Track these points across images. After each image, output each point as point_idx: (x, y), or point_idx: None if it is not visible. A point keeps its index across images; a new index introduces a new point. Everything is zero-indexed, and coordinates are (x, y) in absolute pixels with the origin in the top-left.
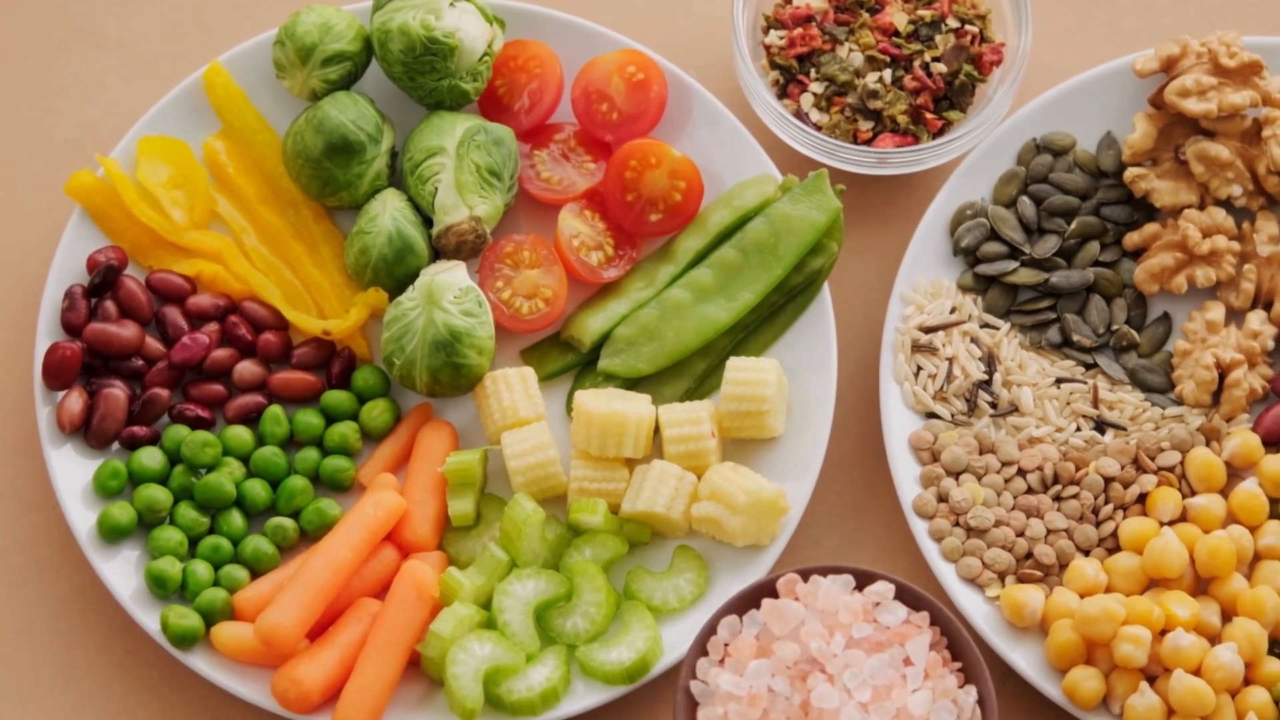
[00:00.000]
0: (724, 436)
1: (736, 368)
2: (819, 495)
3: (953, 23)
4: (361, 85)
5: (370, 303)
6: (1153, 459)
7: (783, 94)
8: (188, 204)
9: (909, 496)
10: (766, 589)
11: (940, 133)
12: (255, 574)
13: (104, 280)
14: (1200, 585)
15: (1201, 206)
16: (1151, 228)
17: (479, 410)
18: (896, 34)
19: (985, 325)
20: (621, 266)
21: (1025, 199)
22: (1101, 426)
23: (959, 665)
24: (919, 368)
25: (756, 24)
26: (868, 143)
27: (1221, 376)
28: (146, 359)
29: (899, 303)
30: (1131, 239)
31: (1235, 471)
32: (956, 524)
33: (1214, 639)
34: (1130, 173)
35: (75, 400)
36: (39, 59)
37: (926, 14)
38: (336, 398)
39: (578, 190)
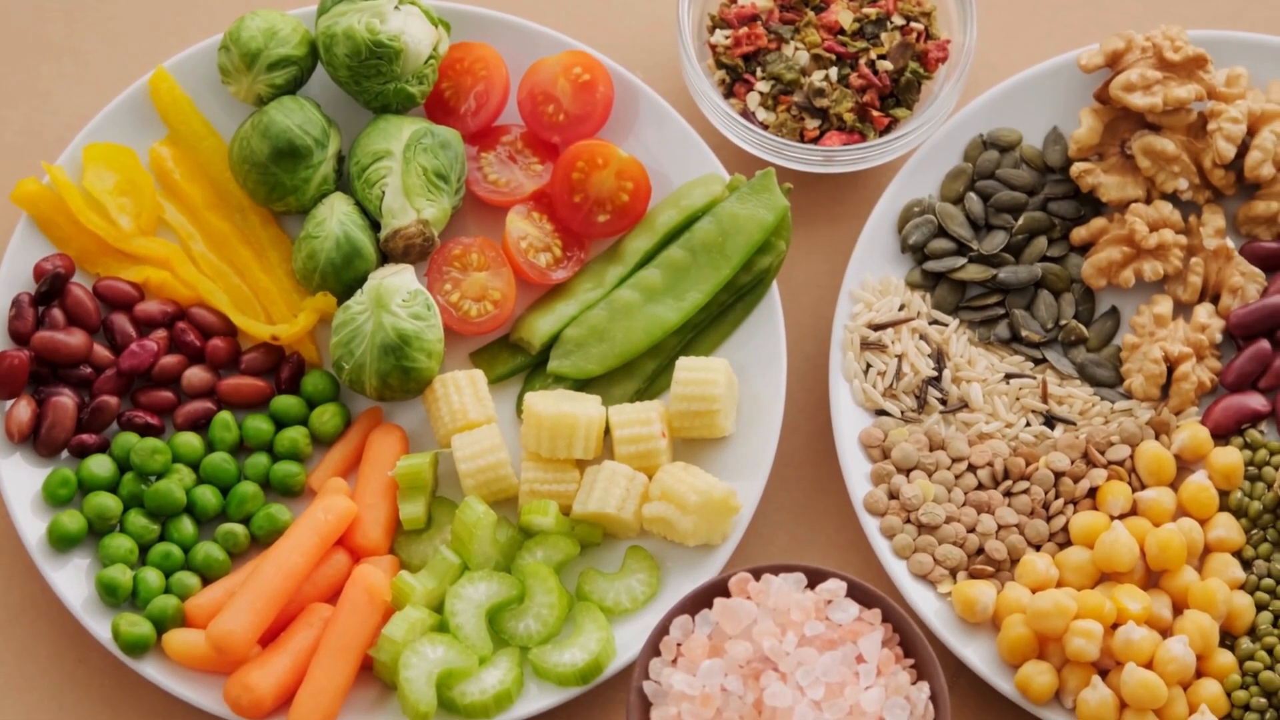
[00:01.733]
0: (674, 436)
1: (686, 367)
2: (770, 494)
3: (898, 20)
4: (307, 89)
5: (318, 307)
6: (1102, 453)
7: (729, 93)
8: (134, 210)
9: (860, 494)
10: (718, 588)
11: (887, 130)
12: (206, 581)
13: (51, 288)
14: (1151, 578)
15: (1148, 201)
16: (1098, 222)
17: (429, 413)
18: (842, 32)
19: (934, 322)
20: (570, 268)
21: (972, 195)
22: (1051, 421)
23: (911, 662)
24: (868, 365)
25: (702, 23)
26: (814, 141)
27: (1170, 370)
28: (95, 366)
29: (848, 300)
30: (1079, 234)
31: (1185, 464)
32: (907, 521)
33: (1165, 632)
34: (1076, 168)
35: (23, 409)
36: None
37: (871, 12)
38: (286, 403)
39: (525, 192)
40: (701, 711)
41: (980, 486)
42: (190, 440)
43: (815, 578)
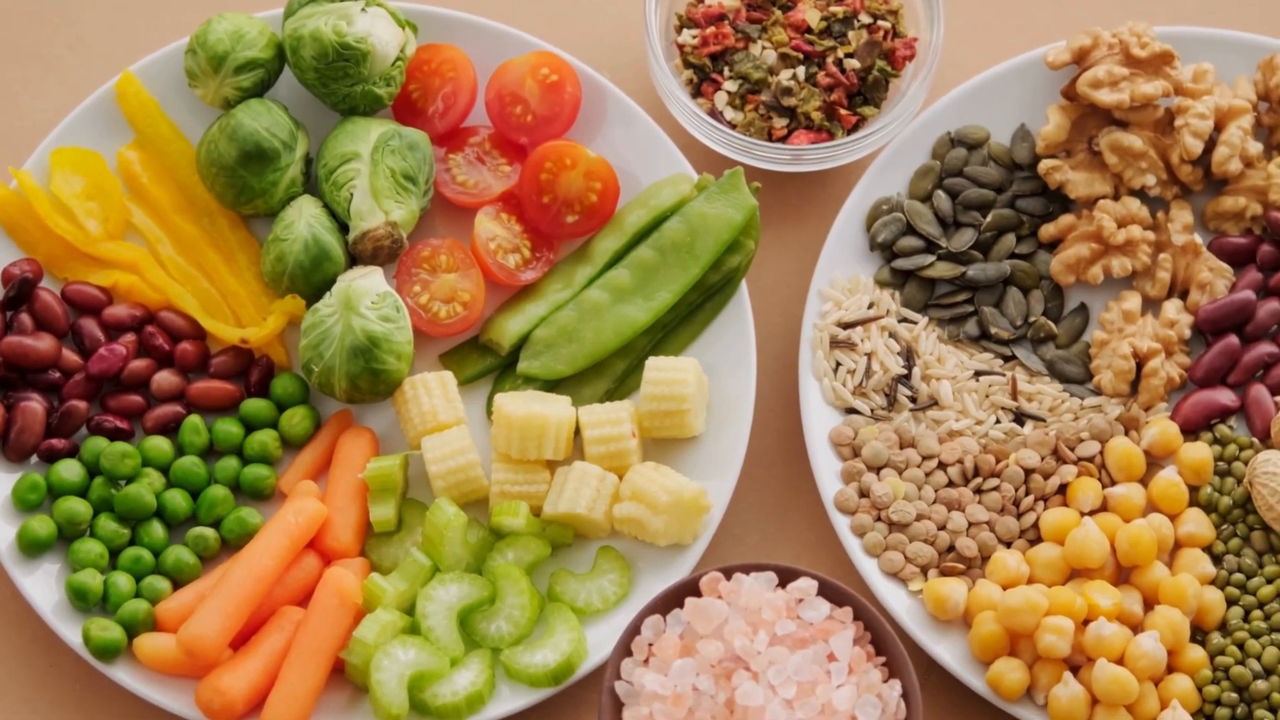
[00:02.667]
0: (644, 436)
1: (656, 367)
2: (740, 493)
3: (865, 18)
4: (275, 92)
5: (287, 310)
6: (1072, 449)
7: (697, 93)
8: (102, 215)
9: (830, 492)
10: (689, 588)
11: (855, 129)
12: (177, 584)
13: (19, 293)
14: (1122, 574)
15: (1116, 197)
16: (1067, 219)
17: (399, 415)
18: (809, 31)
19: (903, 320)
20: (539, 269)
21: (940, 193)
22: (1021, 418)
23: (883, 660)
24: (838, 364)
25: (669, 23)
26: (782, 140)
27: (1139, 366)
28: (63, 371)
29: (817, 299)
30: (1047, 231)
31: (1154, 460)
32: (878, 519)
33: (1136, 628)
34: (1044, 165)
35: None
36: None
37: (839, 10)
38: (255, 406)
39: (493, 193)
40: (673, 711)
41: (950, 484)
42: (160, 444)
43: (786, 576)
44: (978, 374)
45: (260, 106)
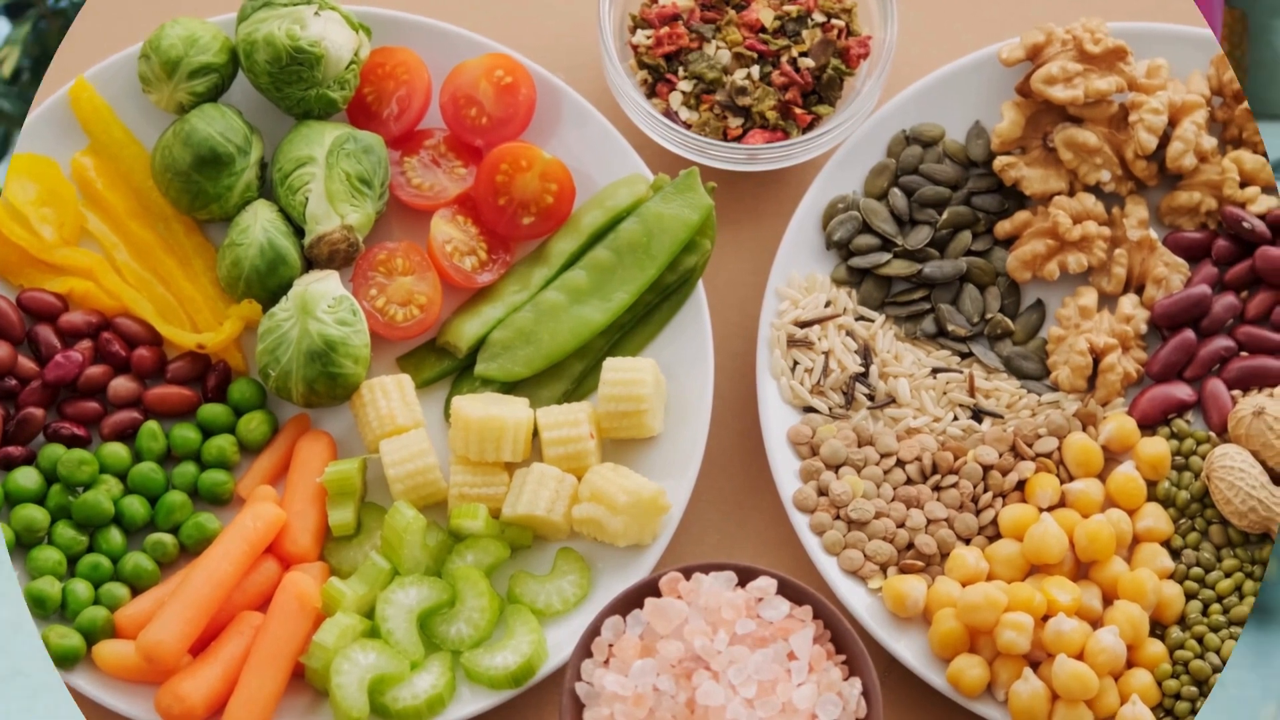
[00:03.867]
0: (603, 437)
1: (613, 368)
2: (699, 493)
3: (819, 17)
4: (229, 97)
5: (244, 315)
6: (1030, 446)
7: (651, 93)
8: (57, 221)
9: (789, 491)
10: (649, 588)
11: (810, 127)
12: (136, 591)
13: None
14: (1080, 570)
15: (1071, 193)
16: (1022, 215)
17: (356, 419)
18: (763, 30)
19: (860, 318)
20: (495, 271)
21: (896, 191)
22: (979, 415)
23: (843, 658)
24: (795, 362)
25: (623, 24)
26: (738, 139)
27: (1096, 361)
28: (19, 378)
29: (774, 298)
30: (1003, 227)
31: (1112, 455)
32: (837, 517)
33: (1095, 623)
34: (999, 161)
35: None
36: None
37: (792, 9)
38: (213, 411)
39: (449, 196)
40: (634, 712)
41: (909, 481)
42: (117, 450)
43: (746, 576)
44: (935, 371)
45: (214, 111)
